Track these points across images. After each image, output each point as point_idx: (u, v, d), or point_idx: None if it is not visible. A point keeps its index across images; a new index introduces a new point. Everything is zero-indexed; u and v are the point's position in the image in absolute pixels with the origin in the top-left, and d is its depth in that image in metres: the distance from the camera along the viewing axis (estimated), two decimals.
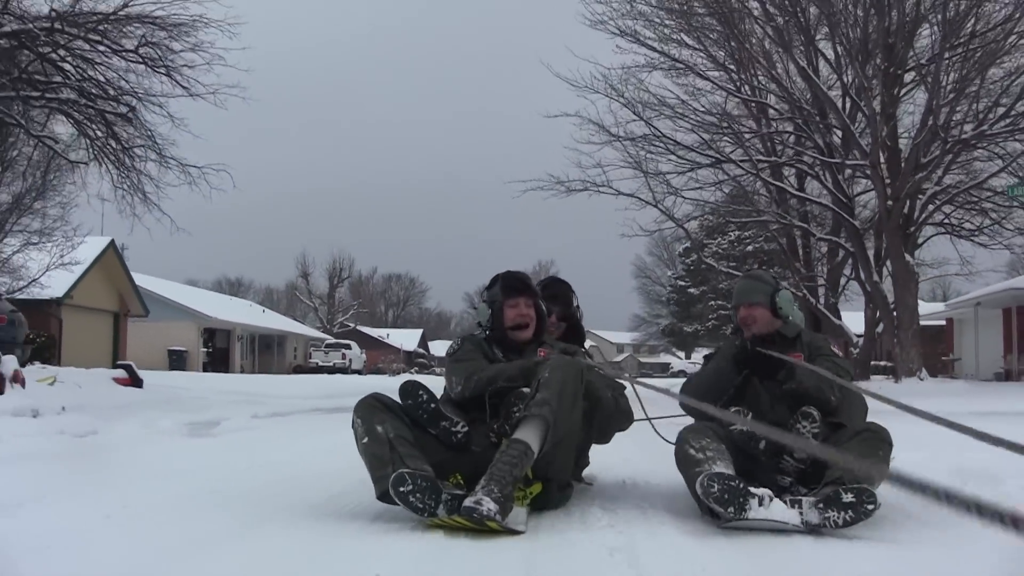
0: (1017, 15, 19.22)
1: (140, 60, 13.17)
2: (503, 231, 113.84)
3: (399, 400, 3.65)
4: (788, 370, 3.84)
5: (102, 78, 13.63)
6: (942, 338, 38.88)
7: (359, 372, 51.01)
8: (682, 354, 70.23)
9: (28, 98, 13.12)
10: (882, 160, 20.18)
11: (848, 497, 3.20)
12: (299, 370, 49.98)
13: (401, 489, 3.19)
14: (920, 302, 29.42)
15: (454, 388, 3.86)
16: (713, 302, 44.44)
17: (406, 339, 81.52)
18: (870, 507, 3.19)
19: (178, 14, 13.95)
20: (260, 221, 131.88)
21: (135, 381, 12.62)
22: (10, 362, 9.44)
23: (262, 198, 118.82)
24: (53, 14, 12.60)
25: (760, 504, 3.18)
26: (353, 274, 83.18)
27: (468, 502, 3.11)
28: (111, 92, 13.73)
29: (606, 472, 4.78)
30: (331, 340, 58.29)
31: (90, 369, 13.50)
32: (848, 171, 22.24)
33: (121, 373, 12.73)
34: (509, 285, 4.10)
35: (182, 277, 57.78)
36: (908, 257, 20.25)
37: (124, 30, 13.49)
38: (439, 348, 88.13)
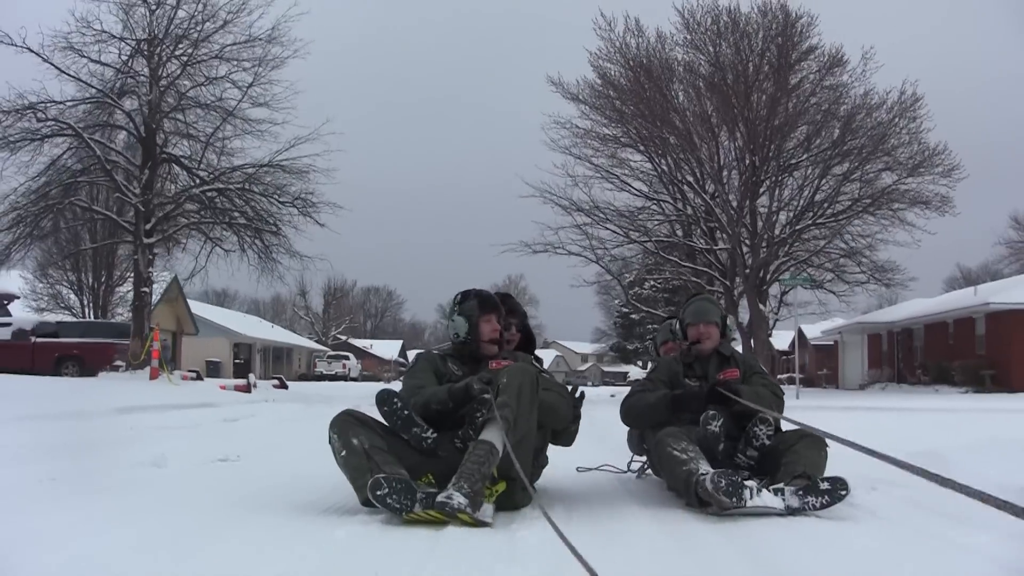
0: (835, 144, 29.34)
1: (293, 206, 22.85)
2: (473, 243, 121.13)
3: (376, 406, 3.98)
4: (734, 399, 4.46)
5: (261, 208, 23.27)
6: (835, 355, 49.12)
7: (355, 379, 59.82)
8: (640, 363, 79.14)
9: (217, 223, 22.93)
10: (745, 238, 30.09)
11: (825, 485, 3.88)
12: (304, 378, 58.31)
13: (378, 493, 3.48)
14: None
15: None
16: (650, 325, 55.59)
17: (388, 349, 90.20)
18: (843, 492, 3.87)
19: (294, 162, 23.58)
20: None
21: (284, 385, 22.08)
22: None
23: None
24: (244, 176, 22.46)
25: (752, 495, 3.79)
26: (344, 291, 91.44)
27: (440, 497, 3.45)
28: (262, 214, 23.36)
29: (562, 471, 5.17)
30: (331, 352, 67.43)
31: (262, 380, 23.01)
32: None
33: (276, 382, 22.25)
34: (486, 303, 4.46)
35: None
36: (761, 306, 30.04)
37: (273, 174, 23.21)
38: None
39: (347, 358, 63.88)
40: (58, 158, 21.66)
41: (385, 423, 3.99)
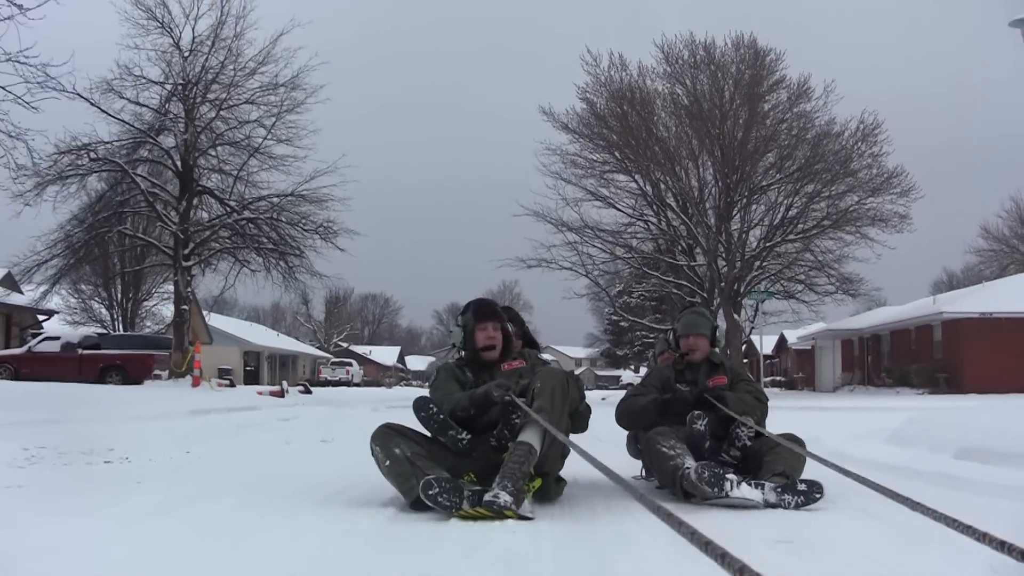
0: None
1: (316, 233, 25.73)
2: (469, 249, 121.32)
3: (413, 413, 4.30)
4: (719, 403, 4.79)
5: (286, 233, 26.16)
6: (812, 359, 51.97)
7: (358, 384, 62.43)
8: (632, 367, 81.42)
9: (246, 247, 25.79)
10: (721, 253, 33.04)
11: (802, 487, 4.21)
12: (309, 383, 60.97)
13: (430, 492, 3.78)
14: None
15: None
16: (639, 332, 58.88)
17: (386, 355, 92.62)
18: (818, 496, 4.19)
19: (314, 192, 26.46)
20: None
21: (308, 391, 24.88)
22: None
23: None
24: (270, 205, 25.36)
25: (732, 487, 4.14)
26: (343, 298, 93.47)
27: (488, 496, 3.75)
28: (287, 239, 26.25)
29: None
30: (334, 359, 70.05)
31: (290, 386, 25.87)
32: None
33: (301, 388, 25.07)
34: (479, 312, 4.72)
35: None
36: (736, 316, 32.97)
37: (295, 203, 26.10)
38: (413, 362, 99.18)
39: (350, 364, 66.40)
40: (105, 193, 24.62)
41: (419, 431, 4.38)
